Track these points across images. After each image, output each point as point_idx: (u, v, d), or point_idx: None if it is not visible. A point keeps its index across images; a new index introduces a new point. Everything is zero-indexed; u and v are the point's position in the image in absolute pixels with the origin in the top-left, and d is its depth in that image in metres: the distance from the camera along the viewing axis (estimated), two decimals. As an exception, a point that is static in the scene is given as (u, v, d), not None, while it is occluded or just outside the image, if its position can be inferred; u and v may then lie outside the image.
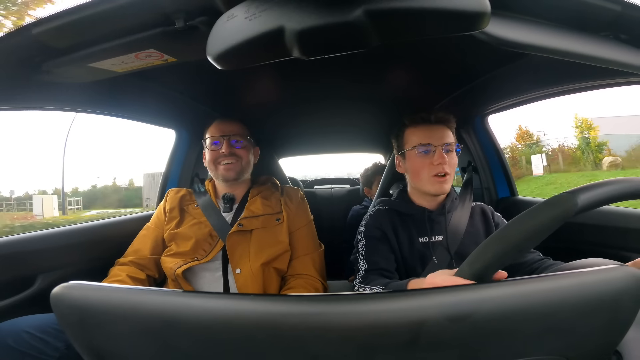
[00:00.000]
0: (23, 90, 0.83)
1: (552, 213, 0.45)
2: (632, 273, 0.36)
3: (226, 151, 1.18)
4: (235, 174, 1.20)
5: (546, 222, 0.45)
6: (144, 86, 1.12)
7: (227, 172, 1.19)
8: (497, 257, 0.47)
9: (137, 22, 0.59)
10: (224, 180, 1.22)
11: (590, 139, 16.13)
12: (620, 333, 0.38)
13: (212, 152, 1.21)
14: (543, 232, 0.45)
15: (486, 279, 0.48)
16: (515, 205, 1.60)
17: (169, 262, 1.12)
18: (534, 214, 0.46)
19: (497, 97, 1.39)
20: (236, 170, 1.20)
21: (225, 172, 1.19)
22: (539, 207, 0.46)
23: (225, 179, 1.21)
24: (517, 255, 0.47)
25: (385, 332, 0.34)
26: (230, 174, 1.20)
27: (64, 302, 0.41)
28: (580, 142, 16.32)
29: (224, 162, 1.19)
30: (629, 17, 0.55)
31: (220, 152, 1.18)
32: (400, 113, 1.18)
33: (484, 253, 0.48)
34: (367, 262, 0.99)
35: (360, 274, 0.97)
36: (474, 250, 0.50)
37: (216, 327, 0.37)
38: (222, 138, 1.20)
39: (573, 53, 0.57)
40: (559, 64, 0.63)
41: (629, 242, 1.08)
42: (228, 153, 1.18)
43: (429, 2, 0.40)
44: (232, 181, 1.22)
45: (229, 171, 1.19)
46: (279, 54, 0.47)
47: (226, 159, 1.19)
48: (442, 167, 1.00)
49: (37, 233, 1.15)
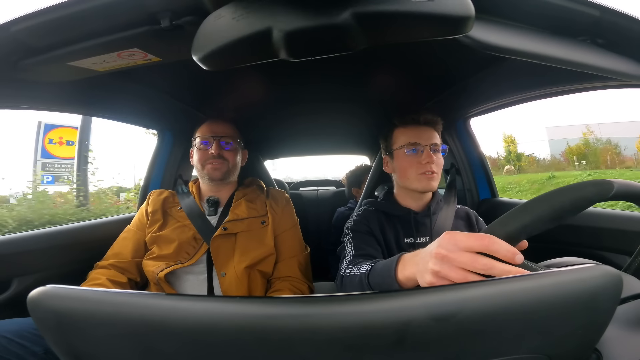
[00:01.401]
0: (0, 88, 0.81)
1: (593, 189, 0.48)
2: (609, 272, 0.37)
3: (215, 152, 1.17)
4: (222, 174, 1.19)
5: (587, 196, 0.48)
6: (126, 86, 1.10)
7: (214, 172, 1.18)
8: (536, 220, 0.47)
9: (121, 21, 0.57)
10: (210, 180, 1.20)
11: (510, 150, 20.85)
12: (599, 331, 0.39)
13: (201, 151, 1.20)
14: (580, 206, 0.48)
15: (516, 241, 0.48)
16: (496, 207, 1.64)
17: (151, 265, 1.09)
18: (577, 187, 0.49)
19: (479, 101, 1.42)
20: (222, 171, 1.19)
21: (211, 171, 1.18)
22: (582, 183, 0.49)
23: (211, 178, 1.19)
24: (551, 223, 0.47)
25: (372, 332, 0.35)
26: (217, 174, 1.19)
27: (41, 306, 0.39)
28: (507, 153, 21.23)
29: (212, 162, 1.18)
30: (606, 22, 0.58)
31: (210, 152, 1.17)
32: (386, 115, 1.19)
33: (523, 213, 0.48)
34: (354, 249, 0.98)
35: (347, 259, 0.96)
36: (509, 212, 0.50)
37: (201, 331, 0.36)
38: (212, 138, 1.19)
39: (552, 57, 0.59)
40: (539, 68, 0.65)
41: (603, 242, 1.12)
42: (217, 154, 1.18)
43: (416, 6, 0.41)
44: (218, 182, 1.21)
45: (216, 171, 1.18)
46: (266, 55, 0.47)
47: (214, 160, 1.18)
48: (429, 165, 1.03)
49: (11, 236, 1.11)
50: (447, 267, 0.47)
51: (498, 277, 0.43)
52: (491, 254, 0.45)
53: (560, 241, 1.22)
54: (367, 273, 0.76)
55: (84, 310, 0.38)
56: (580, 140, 18.73)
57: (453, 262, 0.47)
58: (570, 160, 17.80)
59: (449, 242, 0.49)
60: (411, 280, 0.60)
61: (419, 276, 0.54)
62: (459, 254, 0.46)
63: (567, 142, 18.12)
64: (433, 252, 0.50)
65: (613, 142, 17.50)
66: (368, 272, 0.76)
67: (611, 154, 17.23)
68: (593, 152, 17.91)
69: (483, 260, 0.44)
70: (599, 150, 18.04)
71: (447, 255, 0.47)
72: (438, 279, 0.48)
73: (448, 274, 0.47)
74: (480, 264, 0.44)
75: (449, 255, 0.47)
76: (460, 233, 0.49)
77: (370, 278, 0.75)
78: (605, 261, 0.95)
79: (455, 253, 0.47)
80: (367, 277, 0.76)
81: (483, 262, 0.44)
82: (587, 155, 17.90)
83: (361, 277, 0.78)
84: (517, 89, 1.22)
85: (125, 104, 1.25)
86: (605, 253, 1.11)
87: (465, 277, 0.45)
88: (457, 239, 0.48)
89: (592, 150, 18.08)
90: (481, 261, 0.45)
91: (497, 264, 0.44)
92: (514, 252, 0.44)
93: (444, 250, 0.48)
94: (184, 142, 1.65)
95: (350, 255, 0.96)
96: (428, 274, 0.50)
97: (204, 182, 1.24)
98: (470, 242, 0.46)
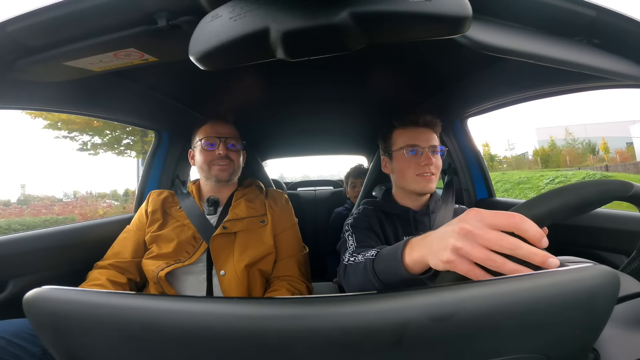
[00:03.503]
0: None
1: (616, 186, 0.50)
2: (606, 272, 0.37)
3: (222, 153, 1.19)
4: (229, 175, 1.21)
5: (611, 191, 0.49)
6: (123, 86, 1.10)
7: (222, 172, 1.20)
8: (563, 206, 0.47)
9: (117, 21, 0.57)
10: (217, 181, 1.22)
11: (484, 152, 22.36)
12: (597, 331, 0.39)
13: (208, 153, 1.20)
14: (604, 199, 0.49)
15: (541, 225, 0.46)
16: (493, 206, 1.64)
17: (151, 264, 1.09)
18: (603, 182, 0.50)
19: (476, 101, 1.42)
20: (229, 172, 1.21)
21: (219, 172, 1.20)
22: (607, 180, 0.51)
23: (219, 179, 1.21)
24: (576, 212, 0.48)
25: (370, 333, 0.34)
26: (224, 175, 1.20)
27: (37, 307, 0.39)
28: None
29: (219, 164, 1.19)
30: (602, 22, 0.58)
31: (217, 153, 1.19)
32: (383, 115, 1.20)
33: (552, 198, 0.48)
34: (356, 241, 0.97)
35: (350, 249, 0.94)
36: (536, 196, 0.49)
37: (200, 332, 0.36)
38: (218, 140, 1.20)
39: (548, 58, 0.59)
40: (535, 68, 0.65)
41: (600, 241, 1.13)
42: (224, 155, 1.19)
43: (413, 6, 0.41)
44: (224, 182, 1.23)
45: (223, 172, 1.20)
46: (264, 55, 0.47)
47: (221, 161, 1.19)
48: (428, 167, 1.03)
49: (7, 237, 1.10)
50: (470, 245, 0.44)
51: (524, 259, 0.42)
52: (518, 234, 0.43)
53: (558, 240, 1.22)
54: (373, 259, 0.73)
55: (80, 311, 0.38)
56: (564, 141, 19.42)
57: (478, 239, 0.44)
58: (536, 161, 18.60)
59: (474, 217, 0.45)
60: (420, 263, 0.56)
61: (431, 257, 0.51)
62: (485, 230, 0.44)
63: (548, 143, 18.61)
64: (456, 228, 0.46)
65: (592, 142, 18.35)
66: (374, 257, 0.73)
67: (570, 155, 18.82)
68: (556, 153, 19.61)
69: (511, 240, 0.42)
70: (560, 152, 19.66)
71: (473, 231, 0.44)
72: (458, 257, 0.45)
73: (470, 251, 0.44)
74: (508, 243, 0.42)
75: (474, 232, 0.44)
76: (486, 210, 0.46)
77: (375, 264, 0.71)
78: (602, 261, 0.95)
79: (482, 230, 0.44)
80: (372, 263, 0.72)
81: (511, 242, 0.42)
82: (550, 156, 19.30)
83: (366, 263, 0.74)
84: (514, 89, 1.22)
85: (122, 104, 1.24)
86: (602, 252, 1.11)
87: (487, 256, 0.43)
88: (484, 215, 0.45)
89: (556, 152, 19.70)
90: (509, 240, 0.42)
91: (524, 245, 0.42)
92: (542, 234, 0.42)
93: (470, 225, 0.45)
94: (181, 143, 1.65)
95: (353, 246, 0.95)
96: (447, 251, 0.46)
97: (209, 183, 1.25)
98: (498, 219, 0.44)
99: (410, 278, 0.59)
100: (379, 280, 0.69)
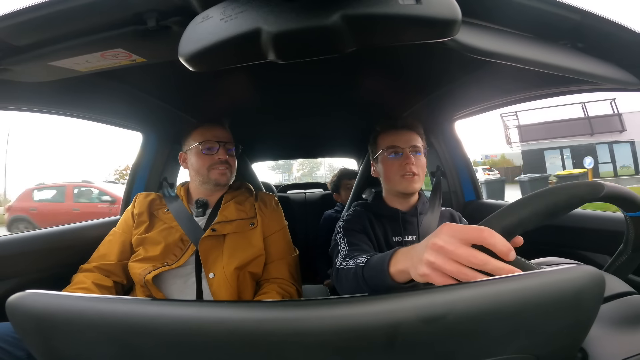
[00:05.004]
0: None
1: (586, 189, 0.50)
2: (592, 272, 0.38)
3: (223, 157, 1.19)
4: (227, 179, 1.22)
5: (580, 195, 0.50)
6: (110, 87, 1.07)
7: (222, 177, 1.20)
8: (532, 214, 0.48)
9: (105, 20, 0.56)
10: (216, 185, 1.21)
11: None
12: (584, 330, 0.40)
13: (207, 157, 1.20)
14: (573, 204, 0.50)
15: (512, 235, 0.48)
16: (481, 208, 1.66)
17: (137, 267, 1.08)
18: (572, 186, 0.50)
19: (465, 104, 1.44)
20: (228, 176, 1.22)
21: (219, 176, 1.19)
22: (577, 183, 0.51)
23: (218, 183, 1.21)
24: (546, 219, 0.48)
25: (362, 335, 0.34)
26: (224, 179, 1.21)
27: (20, 311, 0.38)
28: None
29: (219, 168, 1.19)
30: (587, 26, 0.59)
31: (217, 158, 1.19)
32: (373, 119, 1.21)
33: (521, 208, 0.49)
34: (348, 244, 0.99)
35: (342, 253, 0.96)
36: (506, 206, 0.50)
37: (189, 337, 0.35)
38: (217, 144, 1.20)
39: (535, 61, 0.60)
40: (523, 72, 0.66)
41: (584, 242, 1.15)
42: (225, 159, 1.20)
43: (404, 9, 0.41)
44: (223, 186, 1.23)
45: (223, 176, 1.20)
46: (254, 56, 0.47)
47: (222, 165, 1.19)
48: (409, 167, 1.06)
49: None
50: (442, 259, 0.46)
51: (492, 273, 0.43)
52: (487, 248, 0.44)
53: (542, 241, 1.24)
54: (362, 266, 0.76)
55: (64, 316, 0.37)
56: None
57: (449, 255, 0.46)
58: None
59: (446, 233, 0.48)
60: (403, 273, 0.59)
61: (412, 269, 0.54)
62: (456, 245, 0.46)
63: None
64: (430, 244, 0.49)
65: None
66: (363, 264, 0.76)
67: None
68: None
69: (480, 256, 0.44)
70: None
71: (444, 246, 0.46)
72: (432, 270, 0.47)
73: (443, 265, 0.46)
74: (477, 259, 0.44)
75: (445, 247, 0.46)
76: (458, 225, 0.48)
77: (364, 271, 0.75)
78: (586, 261, 0.97)
79: (452, 245, 0.46)
80: (361, 270, 0.75)
81: (479, 258, 0.44)
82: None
83: (356, 270, 0.78)
84: (501, 92, 1.24)
85: (109, 105, 1.22)
86: (587, 253, 1.14)
87: (459, 270, 0.45)
88: (456, 230, 0.47)
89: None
90: (477, 256, 0.44)
91: (492, 260, 0.43)
92: (509, 248, 0.44)
93: (441, 241, 0.47)
94: (169, 145, 1.63)
95: (345, 250, 0.97)
96: (422, 265, 0.49)
97: (204, 187, 1.23)
98: (469, 234, 0.46)
99: (396, 287, 0.62)
100: (369, 287, 0.72)
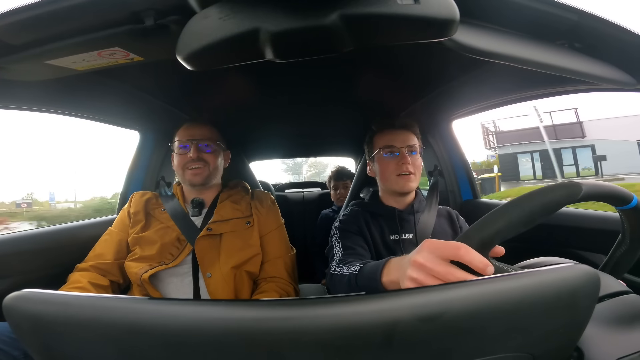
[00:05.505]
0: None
1: (562, 192, 0.49)
2: (587, 271, 0.38)
3: (194, 156, 1.15)
4: (202, 179, 1.18)
5: (556, 200, 0.49)
6: (107, 85, 1.07)
7: (194, 177, 1.17)
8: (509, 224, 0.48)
9: (102, 19, 0.56)
10: (191, 185, 1.19)
11: None
12: (579, 329, 0.40)
13: (180, 156, 1.18)
14: (550, 209, 0.49)
15: (490, 246, 0.49)
16: (478, 207, 1.67)
17: (134, 266, 1.07)
18: (547, 191, 0.50)
19: (462, 103, 1.45)
20: (203, 175, 1.18)
21: (192, 177, 1.17)
22: (553, 186, 0.50)
23: (192, 184, 1.18)
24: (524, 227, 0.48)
25: (359, 334, 0.35)
26: (197, 179, 1.17)
27: (17, 311, 0.38)
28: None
29: (191, 167, 1.16)
30: (584, 26, 0.59)
31: (188, 156, 1.15)
32: (370, 118, 1.21)
33: (497, 219, 0.49)
34: (342, 248, 1.01)
35: (336, 257, 0.98)
36: (484, 217, 0.51)
37: (187, 336, 0.35)
38: (190, 142, 1.17)
39: (532, 61, 0.61)
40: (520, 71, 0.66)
41: (579, 241, 1.16)
42: (196, 158, 1.15)
43: (402, 8, 0.41)
44: (200, 186, 1.20)
45: (196, 176, 1.17)
46: (252, 55, 0.47)
47: (194, 164, 1.16)
48: (405, 166, 1.08)
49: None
50: (424, 275, 0.49)
51: None
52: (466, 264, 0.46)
53: (538, 241, 1.25)
54: (356, 274, 0.79)
55: (61, 315, 0.37)
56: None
57: (429, 272, 0.48)
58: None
59: (426, 250, 0.50)
60: (394, 283, 0.63)
61: (400, 281, 0.56)
62: (434, 262, 0.48)
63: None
64: (411, 260, 0.51)
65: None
66: (357, 272, 0.79)
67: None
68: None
69: (457, 274, 0.46)
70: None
71: (424, 264, 0.49)
72: (416, 284, 0.50)
73: (424, 281, 0.48)
74: (454, 277, 0.46)
75: (425, 264, 0.49)
76: (438, 241, 0.50)
77: (358, 279, 0.77)
78: (582, 260, 0.98)
79: (431, 262, 0.48)
80: (355, 278, 0.78)
81: (456, 276, 0.46)
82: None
83: (350, 277, 0.81)
84: (499, 92, 1.25)
85: (105, 104, 1.22)
86: (582, 252, 1.14)
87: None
88: (435, 247, 0.49)
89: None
90: (455, 274, 0.46)
91: (469, 277, 0.46)
92: (486, 263, 0.45)
93: (422, 258, 0.49)
94: (166, 144, 1.62)
95: (340, 254, 0.98)
96: (406, 280, 0.51)
97: (186, 187, 1.23)
98: (446, 252, 0.48)
99: None
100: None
